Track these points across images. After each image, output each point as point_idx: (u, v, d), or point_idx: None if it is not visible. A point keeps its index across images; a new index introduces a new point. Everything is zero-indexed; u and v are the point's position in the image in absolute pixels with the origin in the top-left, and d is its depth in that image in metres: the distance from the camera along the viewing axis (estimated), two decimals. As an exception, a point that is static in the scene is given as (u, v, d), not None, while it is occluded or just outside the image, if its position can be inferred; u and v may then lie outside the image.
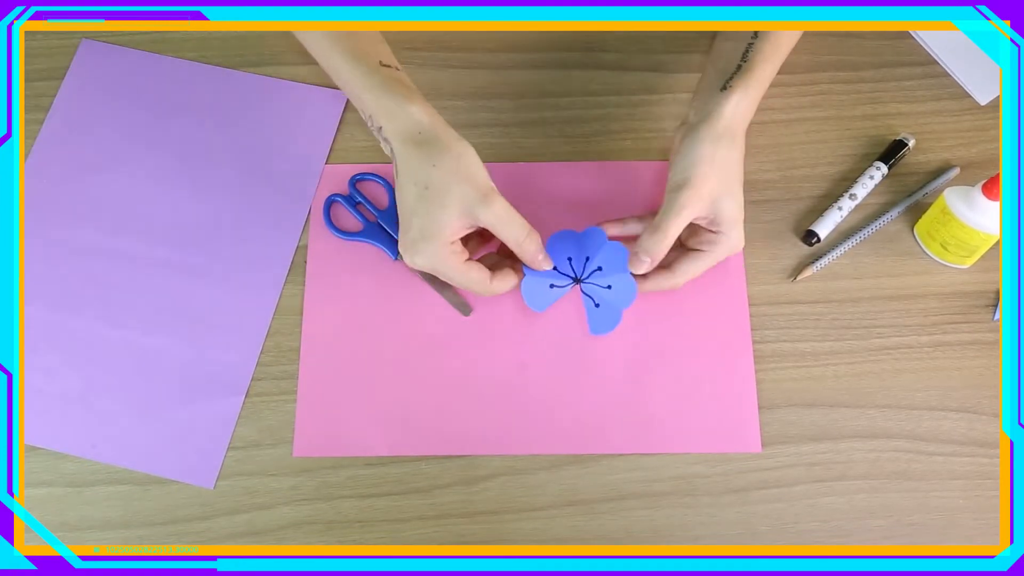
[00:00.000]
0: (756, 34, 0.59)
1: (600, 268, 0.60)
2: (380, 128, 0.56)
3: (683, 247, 0.60)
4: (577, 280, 0.61)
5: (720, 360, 0.61)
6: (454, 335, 0.62)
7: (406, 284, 0.64)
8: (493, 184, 0.55)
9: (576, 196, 0.65)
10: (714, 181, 0.55)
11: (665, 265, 0.59)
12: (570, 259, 0.61)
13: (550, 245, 0.61)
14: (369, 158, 0.68)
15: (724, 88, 0.57)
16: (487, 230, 0.56)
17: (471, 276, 0.57)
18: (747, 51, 0.58)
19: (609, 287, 0.60)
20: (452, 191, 0.54)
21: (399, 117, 0.55)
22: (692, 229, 0.59)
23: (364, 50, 0.58)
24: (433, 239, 0.54)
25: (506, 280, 0.59)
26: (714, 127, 0.56)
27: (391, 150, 0.56)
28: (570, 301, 0.62)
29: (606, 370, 0.61)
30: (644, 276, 0.59)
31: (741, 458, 0.59)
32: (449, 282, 0.58)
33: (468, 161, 0.55)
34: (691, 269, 0.58)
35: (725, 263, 0.63)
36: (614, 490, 0.59)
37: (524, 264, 0.59)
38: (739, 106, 0.56)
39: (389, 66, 0.58)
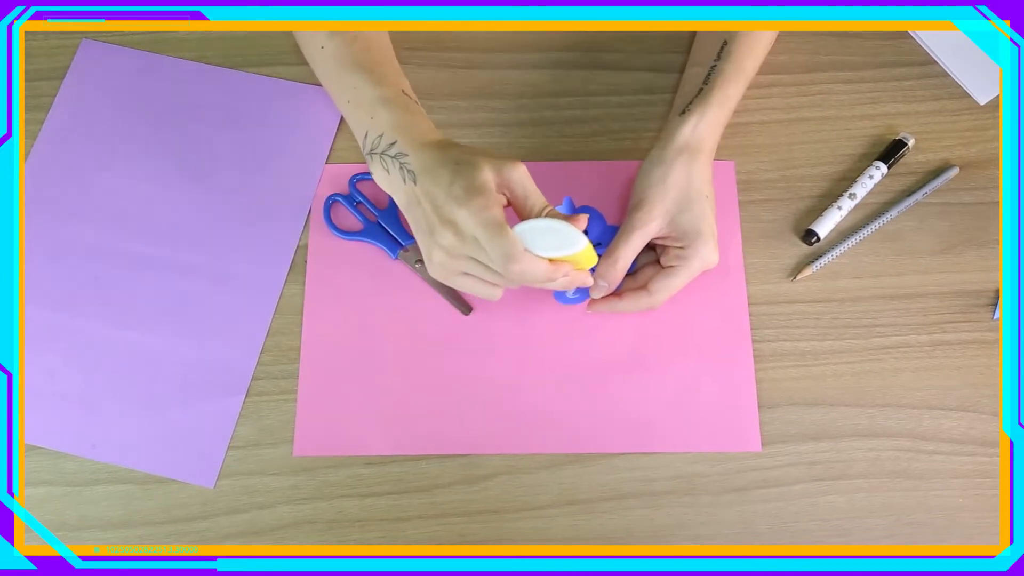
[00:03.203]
0: (719, 56, 0.61)
1: (600, 244, 0.61)
2: (393, 143, 0.55)
3: (659, 266, 0.60)
4: None
5: (720, 360, 0.61)
6: (454, 335, 0.62)
7: (406, 284, 0.64)
8: None
9: (576, 196, 0.65)
10: (668, 201, 0.57)
11: (642, 285, 0.59)
12: None
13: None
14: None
15: (683, 112, 0.59)
16: None
17: (507, 238, 0.50)
18: (709, 74, 0.61)
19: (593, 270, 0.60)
20: (483, 158, 0.52)
21: (421, 131, 0.55)
22: (662, 249, 0.60)
23: (388, 76, 0.58)
24: (479, 191, 0.51)
25: (537, 264, 0.52)
26: (667, 150, 0.58)
27: (400, 166, 0.54)
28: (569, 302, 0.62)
29: (606, 370, 0.61)
30: (621, 296, 0.60)
31: (741, 457, 0.59)
32: (480, 267, 0.53)
33: (488, 149, 0.56)
34: (666, 286, 0.58)
35: (725, 263, 0.63)
36: (614, 490, 0.59)
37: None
38: (697, 127, 0.58)
39: (410, 98, 0.58)
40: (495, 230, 0.50)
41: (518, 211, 0.54)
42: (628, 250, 0.57)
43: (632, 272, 0.61)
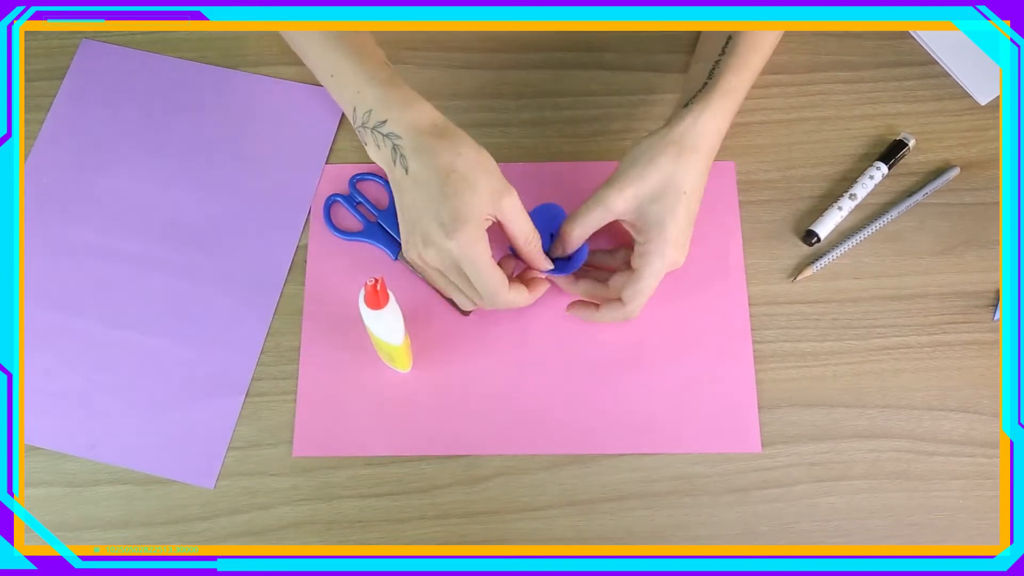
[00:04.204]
0: (723, 51, 0.60)
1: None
2: (384, 122, 0.54)
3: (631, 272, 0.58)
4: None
5: (720, 360, 0.61)
6: (454, 335, 0.62)
7: (406, 284, 0.64)
8: None
9: (576, 196, 0.65)
10: (641, 185, 0.55)
11: (615, 296, 0.58)
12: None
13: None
14: (369, 158, 0.67)
15: (686, 105, 0.58)
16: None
17: (495, 276, 0.54)
18: (713, 69, 0.59)
19: (570, 258, 0.60)
20: (480, 178, 0.52)
21: (413, 110, 0.54)
22: (631, 251, 0.59)
23: (367, 50, 0.58)
24: (467, 221, 0.51)
25: (520, 294, 0.57)
26: (663, 136, 0.56)
27: (393, 147, 0.54)
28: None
29: (606, 370, 0.61)
30: (597, 308, 0.59)
31: (741, 458, 0.59)
32: (463, 283, 0.55)
33: (487, 156, 0.54)
34: (635, 292, 0.57)
35: (725, 263, 0.63)
36: (614, 490, 0.59)
37: (526, 262, 0.58)
38: (697, 121, 0.56)
39: (392, 68, 0.58)
40: (483, 268, 0.53)
41: (506, 236, 0.56)
42: (588, 218, 0.56)
43: (606, 279, 0.60)
